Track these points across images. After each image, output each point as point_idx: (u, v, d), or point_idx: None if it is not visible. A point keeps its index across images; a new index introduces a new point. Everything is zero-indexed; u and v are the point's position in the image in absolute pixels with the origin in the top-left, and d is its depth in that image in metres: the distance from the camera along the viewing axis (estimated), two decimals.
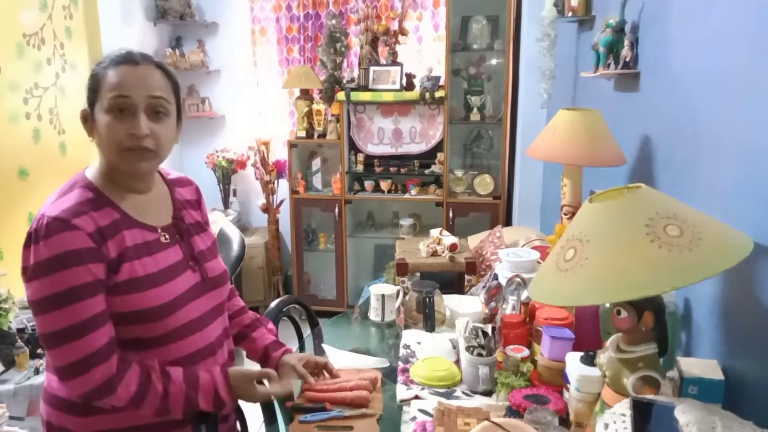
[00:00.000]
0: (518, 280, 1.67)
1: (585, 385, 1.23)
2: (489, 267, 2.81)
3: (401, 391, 1.44)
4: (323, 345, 1.68)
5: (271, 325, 1.50)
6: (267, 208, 3.87)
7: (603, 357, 1.16)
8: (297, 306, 1.85)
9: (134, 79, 1.13)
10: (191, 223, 1.29)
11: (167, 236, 1.22)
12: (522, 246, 2.83)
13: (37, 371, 2.12)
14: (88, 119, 1.16)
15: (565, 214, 1.78)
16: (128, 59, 1.15)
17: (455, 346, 1.65)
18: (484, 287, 2.44)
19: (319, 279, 4.00)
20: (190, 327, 1.20)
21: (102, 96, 1.12)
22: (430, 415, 1.34)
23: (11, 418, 1.92)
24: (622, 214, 1.01)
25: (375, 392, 1.44)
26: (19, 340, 2.16)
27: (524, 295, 1.64)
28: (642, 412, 0.97)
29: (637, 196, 1.04)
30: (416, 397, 1.42)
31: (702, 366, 1.13)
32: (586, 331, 1.42)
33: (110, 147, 1.13)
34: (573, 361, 1.27)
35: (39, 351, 2.17)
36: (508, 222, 3.60)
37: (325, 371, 1.41)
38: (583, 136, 1.75)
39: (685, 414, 0.94)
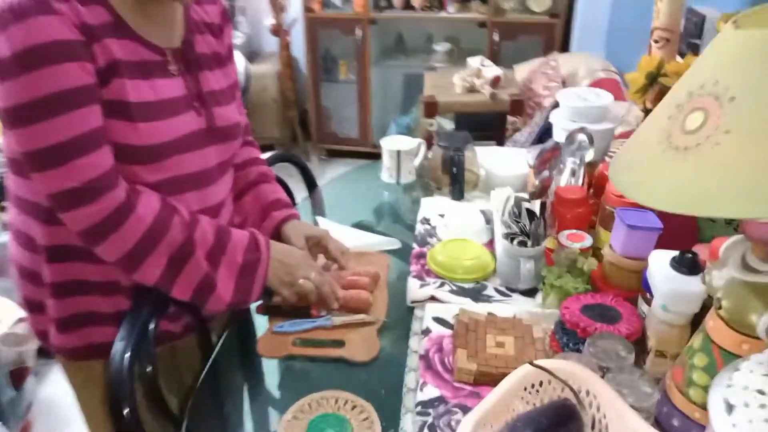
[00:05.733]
0: (582, 136, 1.21)
1: (677, 303, 0.84)
2: (539, 106, 2.31)
3: (413, 288, 1.08)
4: (318, 218, 1.30)
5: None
6: (277, 30, 3.31)
7: (718, 275, 0.75)
8: (288, 163, 1.45)
9: None
10: (205, 54, 1.00)
11: (174, 64, 0.94)
12: (584, 81, 2.30)
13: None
14: None
15: (656, 41, 1.25)
16: None
17: (489, 221, 1.26)
18: (531, 136, 1.98)
19: (340, 114, 3.55)
20: (189, 181, 0.95)
21: None
22: (450, 327, 0.99)
23: None
24: None
25: (378, 288, 1.09)
26: None
27: (589, 156, 1.20)
28: None
29: None
30: (432, 298, 1.06)
31: None
32: (678, 220, 0.99)
33: None
34: (661, 264, 0.87)
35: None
36: (564, 47, 2.98)
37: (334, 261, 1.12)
38: None
39: None
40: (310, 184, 1.44)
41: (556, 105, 2.01)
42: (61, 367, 1.07)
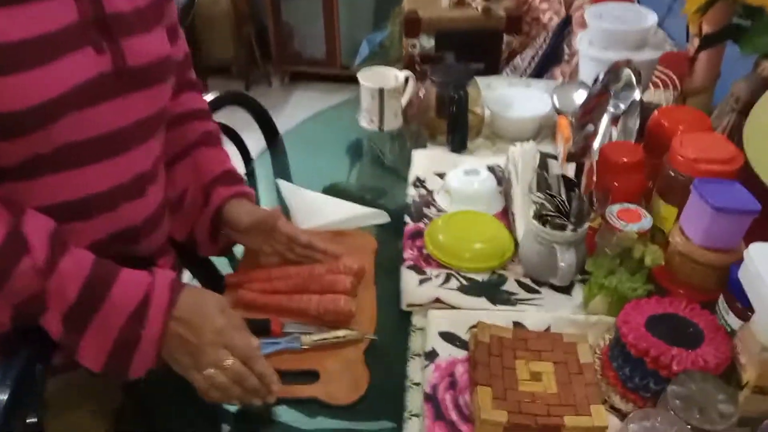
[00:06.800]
0: (628, 71, 0.91)
1: None
2: (538, 23, 1.97)
3: (410, 286, 0.80)
4: (279, 181, 0.99)
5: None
6: None
7: None
8: (240, 106, 1.12)
9: None
10: None
11: None
12: None
13: None
14: None
15: None
16: None
17: (501, 183, 0.97)
18: (534, 61, 1.66)
19: (304, 31, 3.12)
20: (92, 149, 0.67)
21: None
22: (463, 345, 0.73)
23: None
24: None
25: (363, 287, 0.82)
26: None
27: (632, 97, 0.91)
28: None
29: None
30: (437, 301, 0.79)
31: None
32: None
33: None
34: (766, 263, 0.61)
35: None
36: None
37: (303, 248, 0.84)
38: None
39: None
40: (269, 132, 1.12)
41: (565, 22, 1.69)
42: None
